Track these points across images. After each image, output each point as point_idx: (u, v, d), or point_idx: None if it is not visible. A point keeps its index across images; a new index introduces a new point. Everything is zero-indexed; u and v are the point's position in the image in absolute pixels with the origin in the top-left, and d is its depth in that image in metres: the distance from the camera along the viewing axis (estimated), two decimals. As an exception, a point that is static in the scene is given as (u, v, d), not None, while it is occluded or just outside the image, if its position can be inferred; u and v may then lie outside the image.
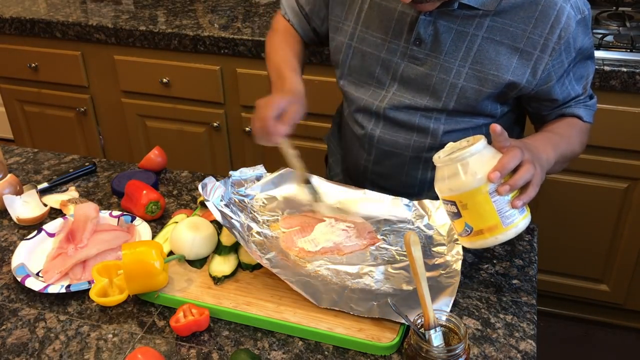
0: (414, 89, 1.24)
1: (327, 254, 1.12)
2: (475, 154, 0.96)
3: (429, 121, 1.25)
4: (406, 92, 1.25)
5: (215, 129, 2.27)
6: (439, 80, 1.21)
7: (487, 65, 1.17)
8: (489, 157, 0.97)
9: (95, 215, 1.19)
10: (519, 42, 1.15)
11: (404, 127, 1.27)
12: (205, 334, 1.00)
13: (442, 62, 1.20)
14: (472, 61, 1.18)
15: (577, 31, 1.14)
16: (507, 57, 1.16)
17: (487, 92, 1.19)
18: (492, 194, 0.96)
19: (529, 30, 1.14)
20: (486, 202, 0.96)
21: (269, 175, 1.28)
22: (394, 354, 0.95)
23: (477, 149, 0.96)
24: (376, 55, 1.25)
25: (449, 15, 1.16)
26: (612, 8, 2.15)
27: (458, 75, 1.19)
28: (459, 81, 1.20)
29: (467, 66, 1.18)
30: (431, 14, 1.16)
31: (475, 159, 0.96)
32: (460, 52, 1.18)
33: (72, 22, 2.26)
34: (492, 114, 1.25)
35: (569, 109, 1.25)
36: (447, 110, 1.23)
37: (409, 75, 1.23)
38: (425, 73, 1.22)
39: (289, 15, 1.44)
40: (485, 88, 1.19)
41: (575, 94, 1.24)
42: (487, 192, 0.96)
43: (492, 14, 1.14)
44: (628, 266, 2.07)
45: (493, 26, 1.15)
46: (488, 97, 1.20)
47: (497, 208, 0.97)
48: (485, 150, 0.97)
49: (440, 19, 1.17)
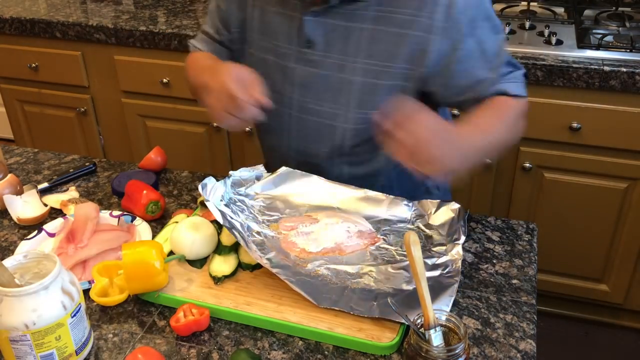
0: (314, 93, 1.22)
1: (328, 254, 1.12)
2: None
3: (334, 130, 1.23)
4: (308, 97, 1.23)
5: (215, 129, 2.27)
6: (337, 79, 1.18)
7: (379, 57, 1.14)
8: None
9: (95, 215, 1.19)
10: (406, 28, 1.11)
11: (314, 132, 1.26)
12: (206, 333, 1.00)
13: (336, 60, 1.17)
14: (364, 55, 1.15)
15: (465, 4, 1.09)
16: (398, 46, 1.13)
17: (385, 84, 1.16)
18: None
19: (415, 14, 1.10)
20: None
21: (269, 175, 1.27)
22: (394, 353, 0.95)
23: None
24: (273, 61, 1.23)
25: (333, 12, 1.14)
26: (612, 8, 2.16)
27: (353, 72, 1.17)
28: (355, 77, 1.17)
29: (359, 61, 1.16)
30: (316, 14, 1.15)
31: None
32: (351, 48, 1.16)
33: (72, 22, 2.26)
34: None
35: (486, 91, 1.16)
36: (350, 113, 1.20)
37: (307, 79, 1.21)
38: (322, 74, 1.20)
39: (199, 46, 1.38)
40: (381, 80, 1.16)
41: (482, 77, 1.16)
42: None
43: (374, 3, 1.11)
44: (628, 266, 2.07)
45: (378, 16, 1.12)
46: (388, 91, 1.16)
47: None
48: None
49: (326, 17, 1.15)
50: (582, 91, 1.83)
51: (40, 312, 0.87)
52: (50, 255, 0.94)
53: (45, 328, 0.88)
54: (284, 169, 1.28)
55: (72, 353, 0.93)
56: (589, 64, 1.80)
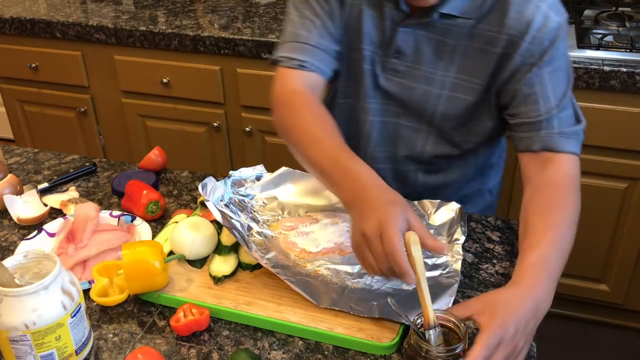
0: (397, 101, 1.22)
1: (328, 254, 1.12)
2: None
3: (417, 138, 1.24)
4: (392, 103, 1.22)
5: (215, 129, 2.27)
6: (423, 92, 1.18)
7: (471, 74, 1.14)
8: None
9: (95, 215, 1.19)
10: (492, 45, 1.11)
11: (391, 141, 1.26)
12: (206, 333, 1.00)
13: (425, 73, 1.17)
14: (455, 70, 1.15)
15: (553, 33, 1.08)
16: (483, 62, 1.13)
17: (470, 100, 1.16)
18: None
19: (501, 31, 1.09)
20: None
21: (269, 175, 1.28)
22: (394, 353, 0.95)
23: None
24: (361, 66, 1.21)
25: (429, 25, 1.13)
26: (612, 8, 2.15)
27: (442, 86, 1.17)
28: (443, 91, 1.17)
29: (450, 75, 1.15)
30: (410, 26, 1.14)
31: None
32: (442, 62, 1.15)
33: (72, 22, 2.26)
34: (482, 130, 1.21)
35: (550, 138, 1.10)
36: (434, 125, 1.21)
37: (391, 87, 1.20)
38: (407, 85, 1.19)
39: (304, 58, 1.16)
40: (467, 96, 1.16)
41: (547, 103, 1.10)
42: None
43: (473, 20, 1.11)
44: (628, 266, 2.07)
45: (473, 32, 1.11)
46: (473, 106, 1.17)
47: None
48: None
49: (420, 29, 1.14)
50: (582, 91, 1.83)
51: (40, 312, 0.87)
52: (50, 255, 0.94)
53: (45, 328, 0.88)
54: (284, 169, 1.28)
55: (72, 353, 0.93)
56: (589, 64, 1.80)
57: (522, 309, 0.88)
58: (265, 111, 2.19)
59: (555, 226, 1.01)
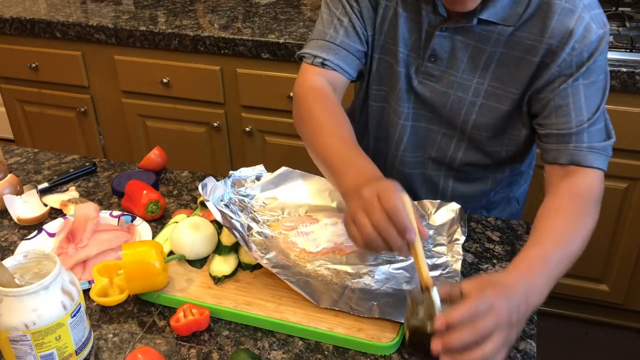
0: (430, 106, 1.20)
1: (328, 254, 1.12)
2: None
3: (449, 145, 1.23)
4: (424, 108, 1.21)
5: (215, 129, 2.27)
6: (456, 98, 1.16)
7: (506, 82, 1.12)
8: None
9: (95, 215, 1.19)
10: (530, 54, 1.08)
11: (422, 146, 1.25)
12: (206, 333, 1.00)
13: (459, 79, 1.15)
14: (490, 78, 1.13)
15: (593, 46, 1.04)
16: (519, 70, 1.10)
17: (504, 108, 1.14)
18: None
19: (545, 41, 1.06)
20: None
21: (269, 175, 1.28)
22: (394, 353, 0.95)
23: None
24: (395, 69, 1.19)
25: (467, 31, 1.11)
26: (612, 8, 2.16)
27: (477, 93, 1.15)
28: (477, 99, 1.15)
29: (486, 83, 1.13)
30: (447, 30, 1.12)
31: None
32: (478, 70, 1.13)
33: (72, 22, 2.26)
34: (516, 139, 1.19)
35: (578, 152, 1.08)
36: (466, 133, 1.19)
37: (424, 92, 1.19)
38: (441, 91, 1.17)
39: (324, 55, 1.19)
40: (501, 105, 1.14)
41: (579, 117, 1.07)
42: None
43: (512, 27, 1.08)
44: (628, 266, 2.07)
45: (511, 40, 1.09)
46: (509, 116, 1.15)
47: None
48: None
49: (458, 34, 1.12)
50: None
51: (40, 312, 0.87)
52: (50, 255, 0.94)
53: (45, 328, 0.88)
54: (284, 169, 1.28)
55: (72, 353, 0.93)
56: (589, 64, 1.80)
57: (513, 289, 0.86)
58: (265, 111, 2.19)
59: (565, 230, 1.02)
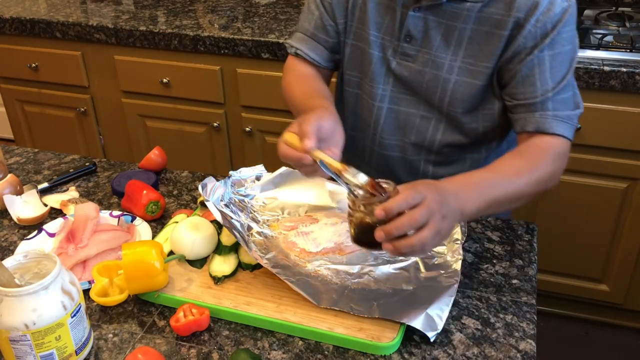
0: (408, 86, 1.23)
1: (328, 254, 1.12)
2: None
3: (427, 127, 1.25)
4: (402, 89, 1.24)
5: (215, 129, 2.27)
6: (432, 76, 1.20)
7: (478, 57, 1.16)
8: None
9: (95, 215, 1.19)
10: (499, 28, 1.12)
11: (402, 130, 1.27)
12: (206, 333, 1.00)
13: (433, 57, 1.19)
14: (463, 54, 1.17)
15: (556, 17, 1.09)
16: (490, 45, 1.14)
17: (478, 84, 1.17)
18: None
19: (507, 13, 1.11)
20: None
21: (269, 175, 1.28)
22: (394, 353, 0.95)
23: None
24: (367, 52, 1.24)
25: (439, 9, 1.15)
26: (612, 8, 2.16)
27: (450, 70, 1.18)
28: (451, 76, 1.18)
29: (458, 60, 1.17)
30: (420, 10, 1.16)
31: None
32: (451, 47, 1.17)
33: (72, 22, 2.26)
34: (491, 113, 1.22)
35: (543, 120, 1.13)
36: (443, 111, 1.22)
37: (402, 72, 1.23)
38: (417, 69, 1.21)
39: (300, 47, 1.32)
40: (478, 81, 1.17)
41: (544, 86, 1.12)
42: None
43: (480, 4, 1.13)
44: (628, 266, 2.07)
45: (480, 16, 1.14)
46: (480, 90, 1.18)
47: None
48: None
49: (430, 14, 1.16)
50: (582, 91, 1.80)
51: (40, 312, 0.87)
52: (50, 255, 0.94)
53: (45, 328, 0.88)
54: (284, 169, 1.28)
55: (72, 353, 0.93)
56: (589, 64, 1.80)
57: (444, 187, 0.96)
58: (265, 111, 2.19)
59: (510, 165, 1.10)
